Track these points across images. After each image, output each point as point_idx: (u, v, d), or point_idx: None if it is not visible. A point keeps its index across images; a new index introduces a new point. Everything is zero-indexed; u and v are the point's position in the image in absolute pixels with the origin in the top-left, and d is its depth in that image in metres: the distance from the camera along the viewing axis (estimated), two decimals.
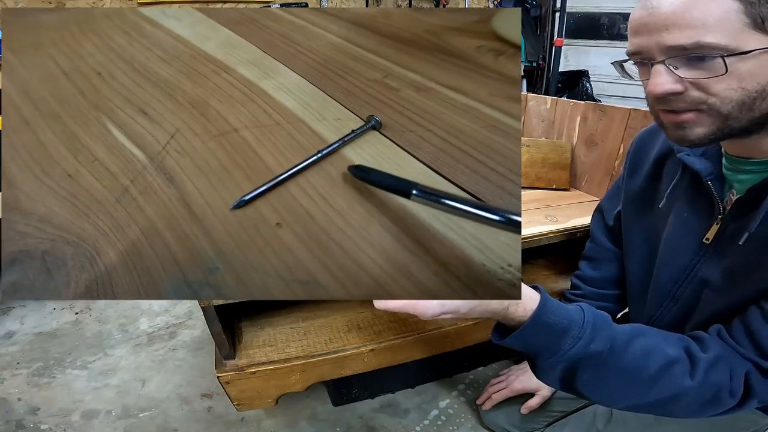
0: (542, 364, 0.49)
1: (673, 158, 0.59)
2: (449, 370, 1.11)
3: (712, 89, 0.42)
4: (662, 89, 0.43)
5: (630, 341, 0.48)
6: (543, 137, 1.19)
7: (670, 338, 0.50)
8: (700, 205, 0.55)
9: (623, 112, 0.95)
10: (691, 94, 0.43)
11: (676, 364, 0.47)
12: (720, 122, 0.43)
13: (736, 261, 0.50)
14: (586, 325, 0.47)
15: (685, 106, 0.44)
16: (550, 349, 0.47)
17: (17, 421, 1.00)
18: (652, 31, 0.42)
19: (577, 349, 0.46)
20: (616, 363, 0.47)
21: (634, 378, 0.48)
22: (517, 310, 0.47)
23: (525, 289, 0.47)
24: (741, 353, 0.47)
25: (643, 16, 0.43)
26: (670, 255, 0.58)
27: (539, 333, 0.47)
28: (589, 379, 0.48)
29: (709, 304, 0.53)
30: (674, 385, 0.47)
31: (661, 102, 0.45)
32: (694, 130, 0.44)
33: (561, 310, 0.47)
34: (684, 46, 0.40)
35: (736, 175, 0.51)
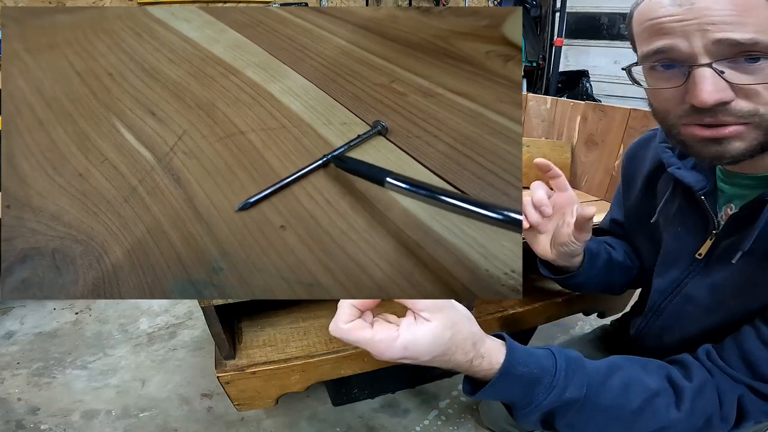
0: (518, 413, 0.46)
1: (666, 172, 0.55)
2: (449, 370, 1.11)
3: (762, 98, 0.36)
4: (714, 98, 0.36)
5: (607, 378, 0.46)
6: (543, 137, 1.19)
7: (649, 368, 0.48)
8: (693, 219, 0.53)
9: (623, 112, 0.96)
10: (738, 105, 0.37)
11: (658, 396, 0.45)
12: (762, 135, 0.38)
13: (726, 278, 0.48)
14: (559, 371, 0.44)
15: (732, 119, 0.37)
16: (523, 400, 0.45)
17: (17, 421, 1.01)
18: (692, 27, 0.36)
19: (551, 398, 0.44)
20: (594, 404, 0.45)
21: (616, 415, 0.45)
22: (482, 364, 0.43)
23: (489, 341, 0.44)
24: (733, 376, 0.45)
25: (679, 12, 0.37)
26: (663, 268, 0.57)
27: (509, 386, 0.44)
28: (569, 422, 0.46)
29: (694, 321, 0.52)
30: (660, 418, 0.45)
31: (701, 114, 0.38)
32: (734, 144, 0.39)
33: (530, 359, 0.44)
34: (740, 41, 0.35)
35: (734, 189, 0.49)
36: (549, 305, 0.86)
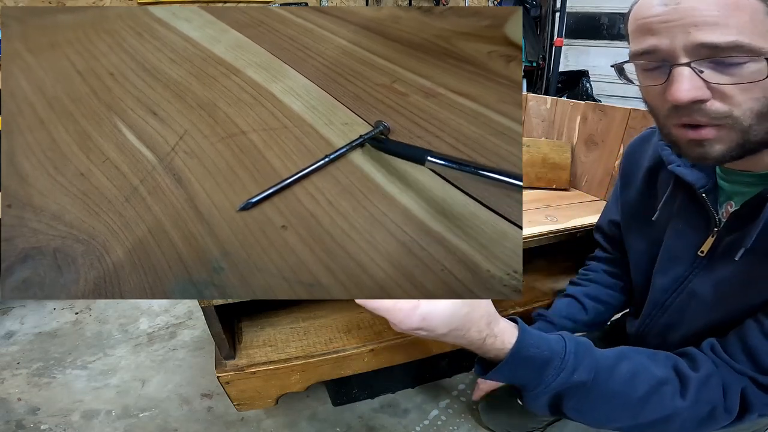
0: (527, 395, 0.48)
1: (665, 169, 0.56)
2: (449, 370, 1.12)
3: (736, 99, 0.38)
4: (689, 96, 0.37)
5: (615, 365, 0.47)
6: (543, 137, 1.19)
7: (657, 358, 0.49)
8: (695, 217, 0.53)
9: (623, 112, 0.96)
10: (713, 106, 0.38)
11: (665, 384, 0.46)
12: (740, 137, 0.39)
13: (729, 274, 0.49)
14: (568, 354, 0.46)
15: (706, 120, 0.39)
16: (532, 382, 0.46)
17: (17, 421, 1.00)
18: (676, 27, 0.37)
19: (560, 380, 0.45)
20: (602, 389, 0.46)
21: (623, 402, 0.47)
22: (494, 343, 0.45)
23: (503, 322, 0.46)
24: (736, 368, 0.46)
25: (665, 11, 0.37)
26: (665, 265, 0.58)
27: (520, 367, 0.46)
28: (575, 406, 0.47)
29: (699, 317, 0.52)
30: (665, 406, 0.46)
31: (679, 113, 0.40)
32: (715, 147, 0.40)
33: (541, 342, 0.46)
34: (718, 44, 0.35)
35: (734, 186, 0.50)
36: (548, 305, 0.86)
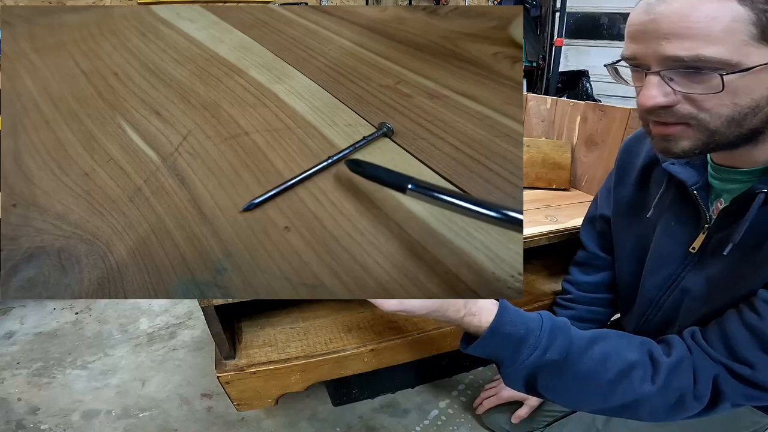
0: (504, 371, 0.50)
1: (659, 166, 0.58)
2: (449, 370, 1.12)
3: (704, 104, 0.41)
4: (653, 102, 0.41)
5: (588, 347, 0.49)
6: (543, 137, 1.19)
7: (632, 342, 0.50)
8: (686, 214, 0.55)
9: (623, 112, 0.96)
10: (681, 108, 0.42)
11: (635, 368, 0.47)
12: (706, 137, 0.43)
13: (719, 270, 0.50)
14: (543, 333, 0.48)
15: (673, 119, 0.43)
16: (508, 358, 0.48)
17: (17, 421, 1.00)
18: (651, 38, 0.40)
19: (533, 358, 0.47)
20: (573, 369, 0.48)
21: (592, 383, 0.48)
22: (472, 321, 0.48)
23: (482, 301, 0.48)
24: (711, 355, 0.47)
25: (644, 21, 0.41)
26: (657, 263, 0.58)
27: (497, 343, 0.49)
28: (548, 385, 0.49)
29: (692, 313, 0.53)
30: (634, 390, 0.47)
31: (649, 113, 0.44)
32: (679, 143, 0.44)
33: (519, 320, 0.49)
34: (682, 58, 0.39)
35: (723, 184, 0.51)
36: (547, 306, 0.86)
